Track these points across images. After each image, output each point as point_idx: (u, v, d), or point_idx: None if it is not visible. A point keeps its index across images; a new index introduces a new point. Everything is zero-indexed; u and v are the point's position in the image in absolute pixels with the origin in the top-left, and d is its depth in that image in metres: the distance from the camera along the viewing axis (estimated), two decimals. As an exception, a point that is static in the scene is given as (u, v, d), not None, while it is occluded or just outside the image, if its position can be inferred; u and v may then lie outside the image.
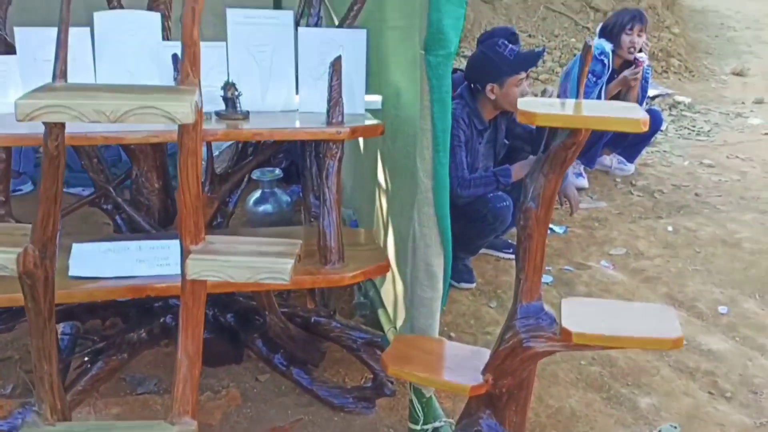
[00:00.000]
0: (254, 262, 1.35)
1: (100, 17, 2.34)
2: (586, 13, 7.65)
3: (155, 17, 2.36)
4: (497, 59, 3.09)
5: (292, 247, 1.42)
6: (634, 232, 4.03)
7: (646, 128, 1.48)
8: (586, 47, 1.58)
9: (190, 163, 1.31)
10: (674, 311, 1.82)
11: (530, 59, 3.26)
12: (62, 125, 1.29)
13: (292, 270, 1.34)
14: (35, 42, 2.26)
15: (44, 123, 1.28)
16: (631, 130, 1.50)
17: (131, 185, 2.49)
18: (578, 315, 1.70)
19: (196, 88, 1.26)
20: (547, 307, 1.75)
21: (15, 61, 2.27)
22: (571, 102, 1.68)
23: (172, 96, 1.19)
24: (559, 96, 4.64)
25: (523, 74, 3.14)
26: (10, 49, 2.43)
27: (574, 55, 7.18)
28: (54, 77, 1.33)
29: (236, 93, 2.24)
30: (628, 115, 1.52)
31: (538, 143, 3.30)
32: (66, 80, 1.33)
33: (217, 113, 2.26)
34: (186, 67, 1.26)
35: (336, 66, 2.10)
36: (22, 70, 2.27)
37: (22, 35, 2.27)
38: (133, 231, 2.51)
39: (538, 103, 1.67)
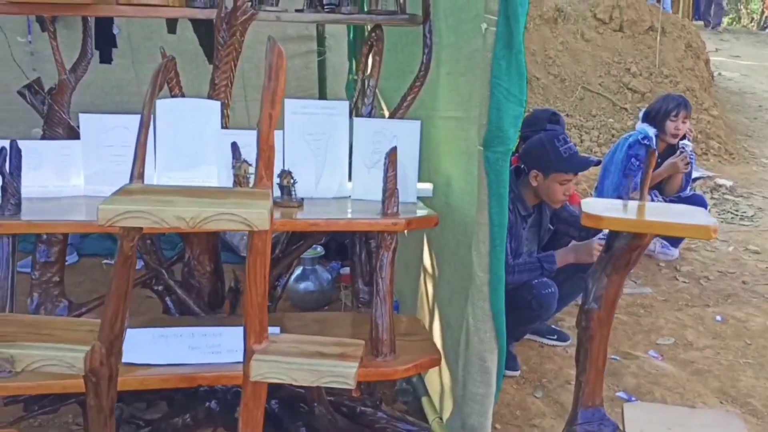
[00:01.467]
0: (318, 365, 1.33)
1: (162, 105, 2.41)
2: (623, 94, 7.71)
3: (215, 105, 2.43)
4: (551, 151, 3.10)
5: (355, 348, 1.40)
6: (682, 320, 3.93)
7: (716, 235, 1.46)
8: (651, 152, 1.57)
9: (258, 263, 1.31)
10: (741, 421, 1.74)
11: (582, 164, 3.26)
12: (140, 227, 1.31)
13: (356, 375, 1.32)
14: (99, 128, 2.34)
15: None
16: (699, 236, 1.48)
17: (183, 267, 2.51)
18: (642, 422, 1.65)
19: (270, 192, 1.28)
20: (608, 414, 1.70)
21: (78, 146, 2.34)
22: (634, 204, 1.66)
23: (249, 202, 1.21)
24: (600, 179, 4.63)
25: (571, 175, 3.14)
26: (73, 134, 2.51)
27: (612, 135, 7.20)
28: (131, 178, 1.35)
29: (292, 181, 2.27)
30: (696, 221, 1.50)
31: (584, 228, 3.28)
32: (143, 181, 1.35)
33: (274, 201, 2.28)
34: (261, 171, 1.28)
35: (391, 157, 2.12)
36: (85, 154, 2.33)
37: (86, 121, 2.34)
38: (182, 313, 2.51)
39: (603, 206, 1.66)
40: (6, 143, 2.31)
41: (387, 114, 3.23)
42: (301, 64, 5.38)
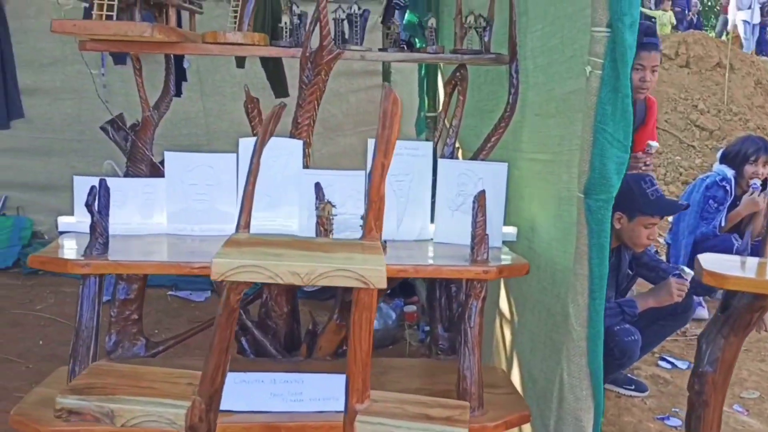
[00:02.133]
0: (426, 429, 1.25)
1: (245, 143, 2.40)
2: (690, 131, 7.51)
3: (297, 145, 2.40)
4: (638, 194, 2.99)
5: (462, 412, 1.32)
6: (766, 372, 3.72)
7: None
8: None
9: (364, 319, 1.25)
10: None
11: (670, 207, 3.14)
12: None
13: (467, 441, 1.24)
14: (183, 166, 2.33)
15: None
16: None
17: (260, 307, 2.47)
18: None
19: (381, 245, 1.22)
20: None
21: (162, 183, 2.34)
22: (753, 262, 1.55)
23: (362, 257, 1.15)
24: (675, 221, 4.47)
25: (657, 219, 3.02)
26: (155, 170, 2.52)
27: (679, 173, 7.00)
28: (237, 227, 1.31)
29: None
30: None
31: (664, 277, 3.15)
32: (249, 230, 1.31)
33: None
34: (370, 222, 1.23)
35: (480, 201, 2.05)
36: (169, 192, 2.32)
37: (170, 159, 2.34)
38: (258, 354, 2.47)
39: (724, 264, 1.56)
40: (94, 181, 2.32)
41: (461, 153, 3.17)
42: (366, 98, 5.38)
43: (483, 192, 2.07)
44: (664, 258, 4.43)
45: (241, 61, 5.16)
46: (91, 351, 1.92)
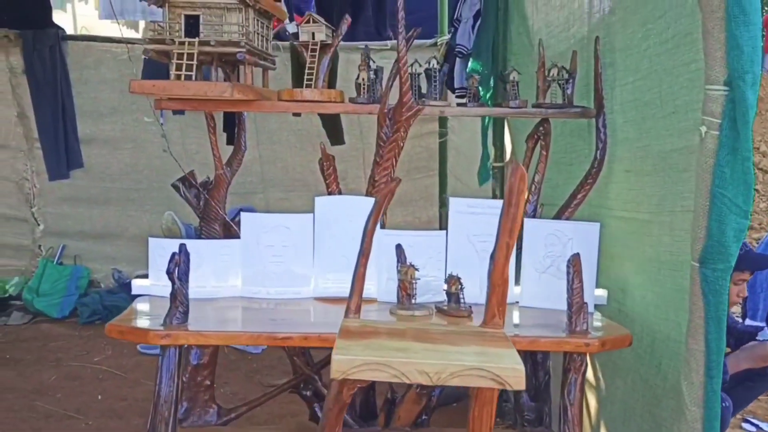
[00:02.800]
0: None
1: (321, 202, 2.33)
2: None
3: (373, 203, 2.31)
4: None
5: None
6: None
7: None
8: None
9: (485, 414, 1.13)
10: None
11: (762, 262, 2.97)
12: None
13: None
14: (259, 227, 2.26)
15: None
16: None
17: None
18: None
19: (505, 335, 1.11)
20: None
21: (237, 245, 2.27)
22: None
23: (494, 351, 1.04)
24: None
25: (747, 275, 2.85)
26: (228, 229, 2.45)
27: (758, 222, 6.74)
28: (347, 311, 1.21)
29: (460, 287, 2.10)
30: None
31: (742, 338, 2.98)
32: (360, 314, 1.21)
33: (438, 307, 2.12)
34: (493, 308, 1.12)
35: (575, 266, 1.93)
36: (244, 254, 2.25)
37: (246, 220, 2.27)
38: (330, 422, 2.35)
39: None
40: (169, 243, 2.27)
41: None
42: (421, 144, 5.33)
43: (577, 256, 1.95)
44: (734, 309, 4.22)
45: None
46: (170, 427, 1.83)
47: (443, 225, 5.17)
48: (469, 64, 3.78)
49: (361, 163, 5.38)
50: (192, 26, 2.24)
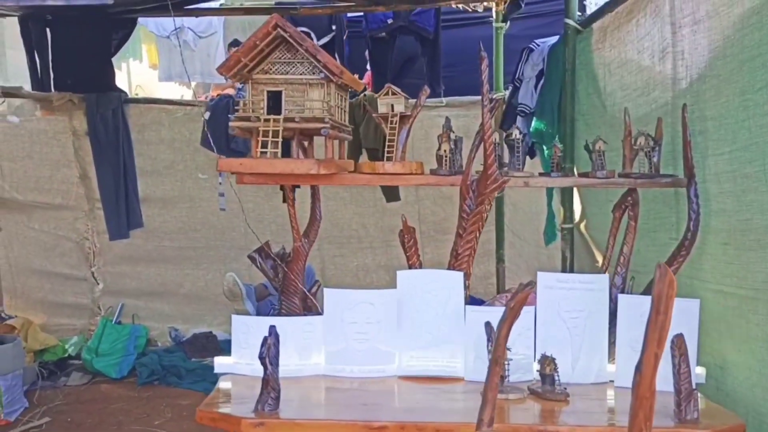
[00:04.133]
0: None
1: (402, 276, 2.28)
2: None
3: (457, 277, 2.26)
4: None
5: None
6: None
7: None
8: None
9: None
10: None
11: None
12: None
13: None
14: (343, 304, 2.22)
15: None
16: None
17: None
18: None
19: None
20: None
21: (320, 321, 2.22)
22: None
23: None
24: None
25: None
26: (307, 302, 2.42)
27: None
28: (479, 424, 1.15)
29: (555, 368, 2.02)
30: None
31: None
32: (492, 427, 1.15)
33: (532, 389, 2.04)
34: (639, 423, 1.05)
35: (680, 348, 1.84)
36: (327, 331, 2.21)
37: (330, 296, 2.23)
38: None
39: None
40: (252, 321, 2.24)
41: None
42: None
43: (681, 337, 1.86)
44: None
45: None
46: None
47: (500, 281, 5.13)
48: (533, 123, 3.75)
49: (416, 219, 5.34)
50: (275, 102, 2.25)
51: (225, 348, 5.08)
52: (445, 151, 2.31)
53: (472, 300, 4.63)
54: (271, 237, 5.32)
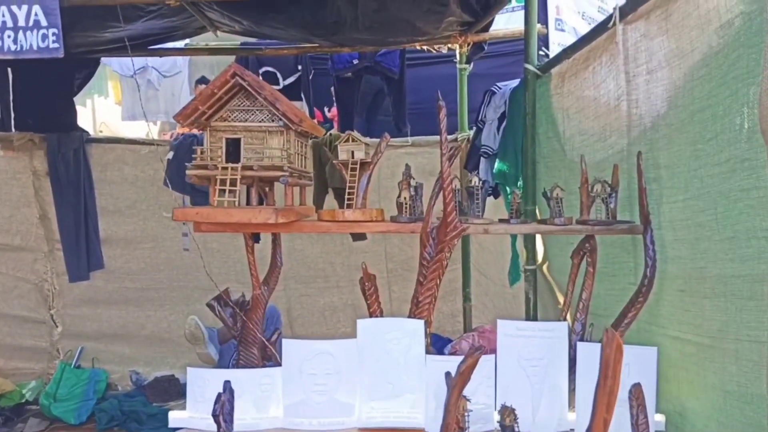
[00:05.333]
0: None
1: (363, 325, 2.26)
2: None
3: (419, 325, 2.25)
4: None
5: None
6: None
7: None
8: None
9: None
10: None
11: None
12: None
13: None
14: (302, 354, 2.19)
15: None
16: None
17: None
18: None
19: None
20: None
21: (278, 373, 2.19)
22: None
23: None
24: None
25: None
26: (266, 352, 2.38)
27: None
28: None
29: (515, 418, 2.00)
30: None
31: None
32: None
33: (493, 442, 2.02)
34: (591, 488, 1.03)
35: (638, 398, 1.84)
36: (286, 383, 2.17)
37: (288, 347, 2.20)
38: None
39: None
40: (208, 374, 2.19)
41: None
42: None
43: (639, 386, 1.86)
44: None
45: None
46: None
47: (467, 320, 5.12)
48: (496, 164, 3.79)
49: (383, 258, 5.33)
50: (233, 149, 2.23)
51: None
52: (405, 198, 2.31)
53: (438, 339, 4.59)
54: (236, 277, 5.28)
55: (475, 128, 4.15)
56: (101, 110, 7.96)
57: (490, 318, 4.80)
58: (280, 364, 2.22)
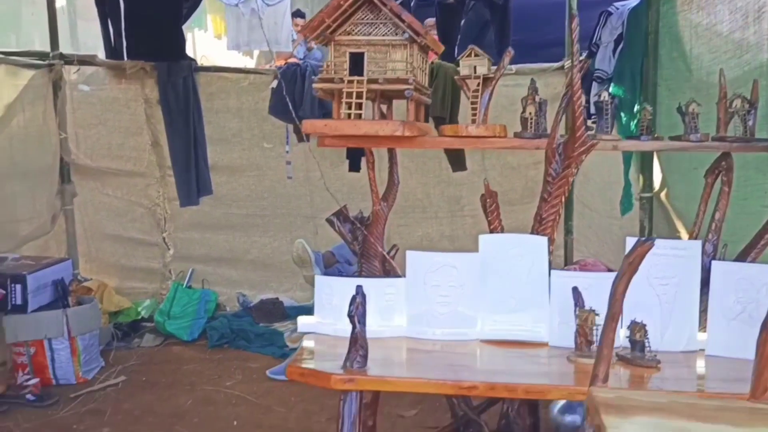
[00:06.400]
0: None
1: (485, 240, 2.25)
2: None
3: (542, 242, 2.22)
4: None
5: None
6: None
7: None
8: None
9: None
10: None
11: None
12: None
13: None
14: (426, 266, 2.21)
15: None
16: None
17: (499, 419, 2.28)
18: None
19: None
20: None
21: (403, 284, 2.22)
22: None
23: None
24: None
25: None
26: (386, 265, 2.42)
27: None
28: (594, 379, 1.12)
29: (645, 334, 1.97)
30: None
31: None
32: (608, 383, 1.12)
33: (620, 355, 2.00)
34: (765, 382, 1.00)
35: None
36: (409, 294, 2.20)
37: (412, 259, 2.23)
38: (494, 468, 2.27)
39: None
40: (335, 281, 2.25)
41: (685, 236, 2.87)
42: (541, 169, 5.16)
43: (783, 306, 1.78)
44: None
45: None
46: (351, 473, 1.79)
47: (568, 253, 5.04)
48: (610, 89, 3.65)
49: (480, 190, 5.27)
50: (357, 64, 2.23)
51: (291, 314, 5.17)
52: (530, 113, 2.26)
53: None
54: (336, 206, 5.35)
55: (587, 52, 4.00)
56: (201, 44, 8.11)
57: (592, 251, 4.71)
58: (401, 277, 2.25)
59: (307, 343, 2.15)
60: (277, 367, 4.40)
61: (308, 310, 5.39)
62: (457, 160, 4.97)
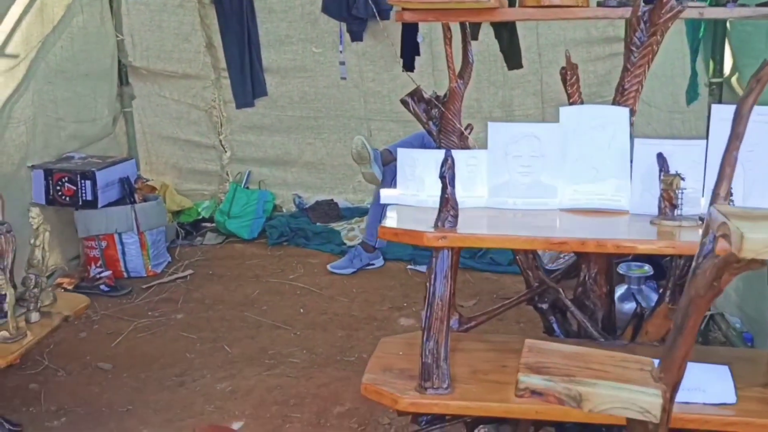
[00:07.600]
0: None
1: (566, 112, 2.26)
2: None
3: (623, 112, 2.23)
4: None
5: None
6: None
7: None
8: None
9: None
10: None
11: None
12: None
13: None
14: (507, 137, 2.24)
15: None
16: None
17: (576, 287, 2.34)
18: None
19: None
20: None
21: (484, 155, 2.26)
22: None
23: None
24: None
25: None
26: (464, 142, 2.46)
27: None
28: (715, 197, 1.16)
29: (731, 201, 1.99)
30: None
31: None
32: (731, 201, 1.16)
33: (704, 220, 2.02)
34: None
35: None
36: (491, 164, 2.24)
37: (494, 130, 2.26)
38: (568, 335, 2.35)
39: None
40: (416, 153, 2.30)
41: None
42: (605, 68, 5.08)
43: None
44: None
45: (474, 32, 5.02)
46: (444, 324, 1.88)
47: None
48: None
49: (538, 89, 5.23)
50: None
51: (346, 215, 5.27)
52: (615, -19, 2.22)
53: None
54: (390, 106, 5.35)
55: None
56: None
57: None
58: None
59: (391, 213, 2.21)
60: (338, 262, 4.53)
61: (363, 212, 5.48)
62: (513, 57, 4.89)
